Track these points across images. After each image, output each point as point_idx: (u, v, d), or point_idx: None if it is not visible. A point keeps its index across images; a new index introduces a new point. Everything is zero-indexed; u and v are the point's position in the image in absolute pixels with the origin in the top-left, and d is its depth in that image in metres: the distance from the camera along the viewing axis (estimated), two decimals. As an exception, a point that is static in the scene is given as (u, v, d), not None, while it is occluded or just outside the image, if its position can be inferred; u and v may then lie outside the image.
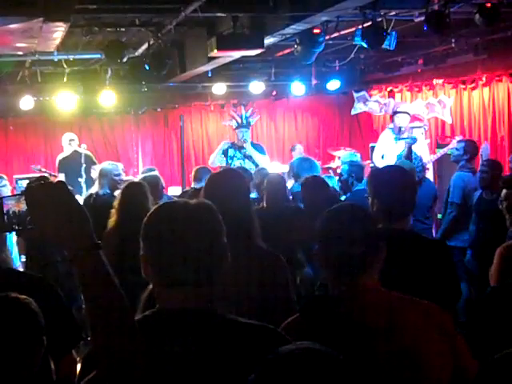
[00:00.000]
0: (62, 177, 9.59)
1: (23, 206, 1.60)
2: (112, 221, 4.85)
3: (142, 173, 8.08)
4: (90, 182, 8.37)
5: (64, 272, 4.54)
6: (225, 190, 2.90)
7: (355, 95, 10.47)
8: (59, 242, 1.60)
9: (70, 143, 9.51)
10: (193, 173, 7.08)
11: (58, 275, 4.86)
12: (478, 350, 2.23)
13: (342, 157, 8.28)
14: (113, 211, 4.92)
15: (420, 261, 2.77)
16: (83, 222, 1.58)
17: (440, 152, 8.70)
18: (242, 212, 2.87)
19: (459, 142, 7.33)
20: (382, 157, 8.63)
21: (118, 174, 6.42)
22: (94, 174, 7.44)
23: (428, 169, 8.13)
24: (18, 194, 1.62)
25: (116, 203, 4.96)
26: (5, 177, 7.09)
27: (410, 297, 2.18)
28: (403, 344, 2.04)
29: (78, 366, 2.69)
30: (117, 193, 6.31)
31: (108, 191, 6.28)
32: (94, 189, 6.58)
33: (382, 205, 2.97)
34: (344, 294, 2.10)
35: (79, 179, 8.81)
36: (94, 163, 8.92)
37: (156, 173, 7.35)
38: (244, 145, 8.85)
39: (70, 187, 1.64)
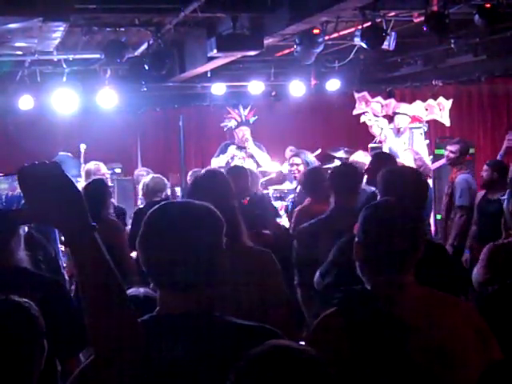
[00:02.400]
0: None
1: (18, 191, 1.54)
2: None
3: (139, 173, 8.12)
4: None
5: None
6: (208, 191, 2.89)
7: (356, 96, 10.47)
8: (53, 224, 1.56)
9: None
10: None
11: None
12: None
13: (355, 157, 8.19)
14: None
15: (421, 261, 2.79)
16: (77, 202, 1.53)
17: (440, 162, 8.69)
18: (227, 212, 2.86)
19: (452, 144, 7.26)
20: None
21: (102, 174, 6.45)
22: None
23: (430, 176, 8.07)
24: (12, 174, 1.56)
25: None
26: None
27: (448, 294, 2.19)
28: (440, 341, 2.04)
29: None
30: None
31: None
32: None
33: None
34: (382, 290, 2.11)
35: (78, 179, 8.81)
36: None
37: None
38: (246, 144, 8.82)
39: None
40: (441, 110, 9.98)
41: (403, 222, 2.17)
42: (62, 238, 1.66)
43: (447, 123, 10.14)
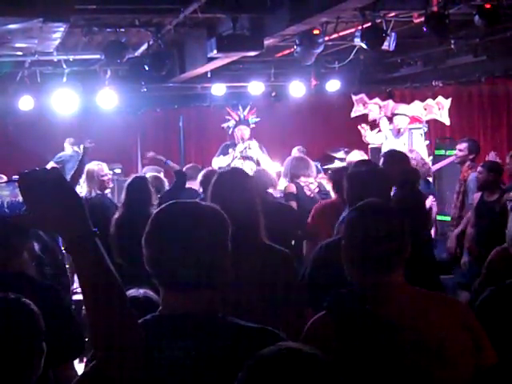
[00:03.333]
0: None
1: (19, 197, 1.54)
2: (117, 216, 4.99)
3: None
4: None
5: None
6: (231, 189, 2.93)
7: (354, 98, 10.47)
8: (54, 230, 1.56)
9: (72, 147, 9.62)
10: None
11: None
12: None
13: (351, 157, 8.18)
14: (119, 206, 5.09)
15: None
16: (77, 208, 1.54)
17: (443, 162, 8.67)
18: (249, 211, 2.91)
19: (461, 142, 7.29)
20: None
21: (105, 175, 6.46)
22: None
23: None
24: (12, 181, 1.56)
25: (122, 198, 5.15)
26: (4, 177, 7.10)
27: (436, 293, 2.19)
28: (429, 340, 2.04)
29: (81, 369, 2.69)
30: (107, 192, 6.60)
31: (99, 192, 6.32)
32: (84, 191, 6.57)
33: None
34: (370, 291, 2.11)
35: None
36: None
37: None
38: (240, 141, 8.81)
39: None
40: (440, 109, 9.98)
41: (389, 223, 2.17)
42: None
43: (447, 122, 10.15)
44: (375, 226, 2.15)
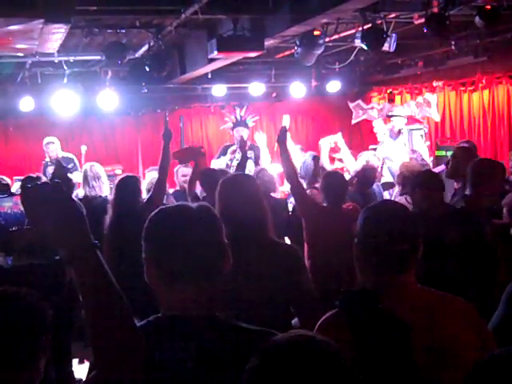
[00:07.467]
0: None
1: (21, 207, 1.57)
2: (108, 217, 4.95)
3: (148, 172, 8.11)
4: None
5: None
6: (239, 193, 2.99)
7: (351, 105, 10.45)
8: (56, 242, 1.58)
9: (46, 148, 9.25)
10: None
11: None
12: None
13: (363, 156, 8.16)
14: (109, 207, 5.04)
15: None
16: (79, 221, 1.56)
17: (439, 168, 8.68)
18: (255, 210, 2.97)
19: (462, 143, 7.29)
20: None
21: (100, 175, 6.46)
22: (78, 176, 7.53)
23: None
24: (14, 194, 1.59)
25: (111, 199, 5.11)
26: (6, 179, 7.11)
27: (448, 294, 2.19)
28: (441, 341, 2.04)
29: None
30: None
31: (100, 195, 6.31)
32: (81, 193, 6.57)
33: None
34: (383, 290, 2.12)
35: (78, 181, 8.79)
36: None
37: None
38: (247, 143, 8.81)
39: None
40: (427, 105, 9.97)
41: (403, 223, 2.18)
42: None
43: (437, 118, 10.14)
44: (389, 227, 2.16)
